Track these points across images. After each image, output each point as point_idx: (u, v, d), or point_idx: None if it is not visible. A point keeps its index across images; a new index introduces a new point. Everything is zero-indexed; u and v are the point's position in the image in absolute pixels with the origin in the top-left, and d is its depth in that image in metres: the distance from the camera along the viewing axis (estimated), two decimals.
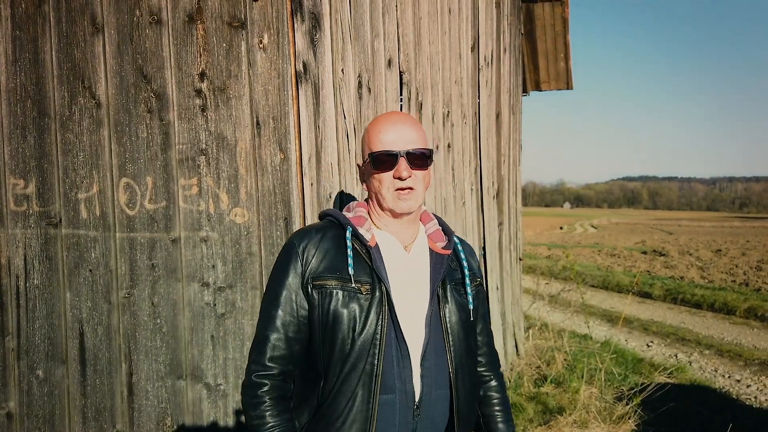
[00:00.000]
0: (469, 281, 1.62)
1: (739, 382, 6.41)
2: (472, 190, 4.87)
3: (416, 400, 1.48)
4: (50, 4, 2.56)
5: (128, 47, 2.48)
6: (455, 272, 1.63)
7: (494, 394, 1.72)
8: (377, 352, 1.44)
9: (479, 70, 5.05)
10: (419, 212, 1.64)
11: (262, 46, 2.33)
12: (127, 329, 2.54)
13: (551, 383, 5.50)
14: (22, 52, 2.59)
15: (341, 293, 1.47)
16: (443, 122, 4.09)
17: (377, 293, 1.48)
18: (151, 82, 2.46)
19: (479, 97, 5.08)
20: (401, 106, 3.25)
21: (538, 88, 9.09)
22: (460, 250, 1.66)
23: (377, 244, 1.54)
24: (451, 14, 4.26)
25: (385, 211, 1.57)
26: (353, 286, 1.48)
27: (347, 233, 1.53)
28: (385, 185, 1.53)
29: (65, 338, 2.61)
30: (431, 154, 1.57)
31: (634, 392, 5.13)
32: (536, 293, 8.93)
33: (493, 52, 5.56)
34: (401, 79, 3.22)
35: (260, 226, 2.38)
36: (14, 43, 2.60)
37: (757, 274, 14.98)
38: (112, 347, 2.56)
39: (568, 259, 9.29)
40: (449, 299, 1.56)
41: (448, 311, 1.55)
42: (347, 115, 2.55)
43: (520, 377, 5.65)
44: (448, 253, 1.60)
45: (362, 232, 1.53)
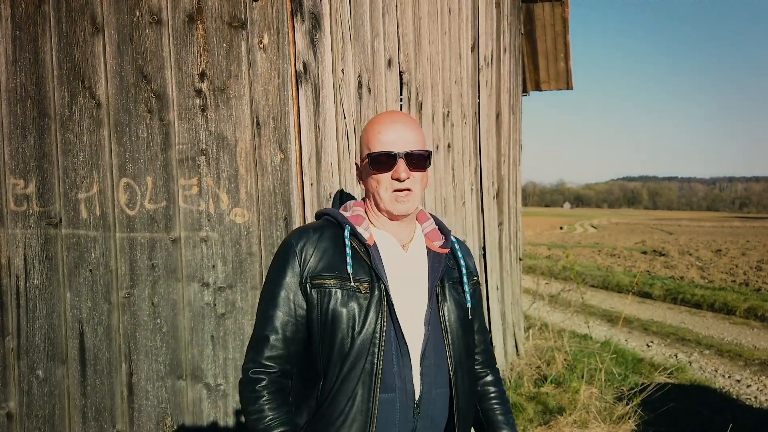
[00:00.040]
0: (466, 279, 1.62)
1: (739, 382, 6.41)
2: (472, 190, 4.87)
3: (416, 398, 1.48)
4: (50, 4, 2.56)
5: (128, 47, 2.48)
6: (453, 271, 1.63)
7: (491, 387, 1.73)
8: (377, 350, 1.44)
9: (479, 70, 5.05)
10: (416, 212, 1.64)
11: (262, 46, 2.33)
12: (127, 329, 2.54)
13: (551, 383, 5.50)
14: (22, 52, 2.60)
15: (340, 292, 1.47)
16: (443, 122, 4.09)
17: (376, 292, 1.48)
18: (151, 82, 2.46)
19: (479, 97, 5.09)
20: (401, 106, 3.25)
21: (538, 88, 9.10)
22: (457, 248, 1.66)
23: (375, 242, 1.54)
24: (451, 14, 4.26)
25: (382, 211, 1.57)
26: (352, 285, 1.48)
27: (346, 232, 1.53)
28: (383, 186, 1.53)
29: (65, 338, 2.61)
30: (430, 155, 1.57)
31: (634, 392, 5.13)
32: (536, 293, 8.93)
33: (493, 52, 5.56)
34: (401, 79, 3.22)
35: (260, 226, 2.39)
36: (14, 43, 2.60)
37: (757, 274, 14.98)
38: (112, 347, 2.56)
39: (568, 259, 9.28)
40: (448, 298, 1.57)
41: (446, 310, 1.55)
42: (347, 115, 2.55)
43: (520, 377, 5.64)
44: (445, 251, 1.60)
45: (360, 231, 1.53)
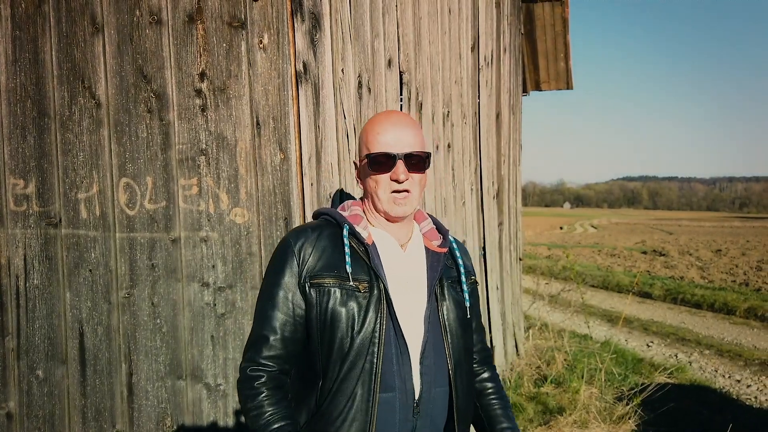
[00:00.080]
0: (465, 279, 1.63)
1: (739, 382, 6.41)
2: (472, 190, 4.87)
3: (416, 397, 1.48)
4: (50, 4, 2.56)
5: (128, 47, 2.48)
6: (451, 270, 1.63)
7: (489, 384, 1.73)
8: (376, 350, 1.44)
9: (479, 70, 5.05)
10: (414, 212, 1.64)
11: (262, 46, 2.33)
12: (127, 329, 2.54)
13: (551, 383, 5.50)
14: (22, 52, 2.60)
15: (339, 291, 1.47)
16: (443, 122, 4.09)
17: (375, 291, 1.48)
18: (151, 82, 2.46)
19: (479, 97, 5.09)
20: (401, 106, 3.25)
21: (538, 88, 9.10)
22: (455, 248, 1.66)
23: (374, 242, 1.54)
24: (451, 14, 4.26)
25: (379, 212, 1.57)
26: (351, 284, 1.47)
27: (344, 231, 1.53)
28: (381, 186, 1.53)
29: (65, 338, 2.61)
30: (429, 157, 1.57)
31: (634, 392, 5.14)
32: (536, 293, 8.94)
33: (493, 52, 5.56)
34: (401, 79, 3.22)
35: (260, 226, 2.39)
36: (14, 43, 2.60)
37: (757, 274, 14.98)
38: (112, 347, 2.56)
39: (568, 259, 9.28)
40: (447, 297, 1.57)
41: (446, 309, 1.55)
42: (347, 115, 2.55)
43: (520, 377, 5.64)
44: (444, 251, 1.60)
45: (359, 230, 1.53)
